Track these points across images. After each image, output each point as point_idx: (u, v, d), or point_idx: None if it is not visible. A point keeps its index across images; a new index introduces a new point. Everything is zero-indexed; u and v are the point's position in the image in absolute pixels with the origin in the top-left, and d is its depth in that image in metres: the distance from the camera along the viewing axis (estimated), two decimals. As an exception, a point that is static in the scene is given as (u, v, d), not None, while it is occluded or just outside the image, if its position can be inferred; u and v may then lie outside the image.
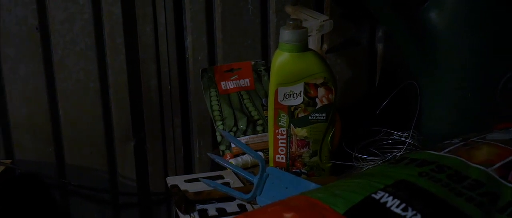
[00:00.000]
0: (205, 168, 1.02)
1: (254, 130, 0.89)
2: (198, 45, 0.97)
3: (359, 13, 0.98)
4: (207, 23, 0.96)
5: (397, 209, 0.51)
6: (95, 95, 0.97)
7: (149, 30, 0.96)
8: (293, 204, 0.55)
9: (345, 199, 0.54)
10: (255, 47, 0.98)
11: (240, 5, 0.95)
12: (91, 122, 0.98)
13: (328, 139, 0.79)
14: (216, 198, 0.75)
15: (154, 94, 0.99)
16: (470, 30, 0.77)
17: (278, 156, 0.80)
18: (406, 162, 0.61)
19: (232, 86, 0.92)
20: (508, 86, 0.78)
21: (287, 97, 0.76)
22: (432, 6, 0.78)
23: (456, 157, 0.60)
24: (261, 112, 0.91)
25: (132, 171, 1.03)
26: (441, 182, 0.55)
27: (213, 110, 0.90)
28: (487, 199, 0.54)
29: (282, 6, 0.94)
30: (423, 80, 0.81)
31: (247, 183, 0.79)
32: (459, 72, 0.79)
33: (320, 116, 0.77)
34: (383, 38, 1.00)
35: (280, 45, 0.76)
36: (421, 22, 0.79)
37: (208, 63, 0.98)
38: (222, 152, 0.89)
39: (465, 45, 0.78)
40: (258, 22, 0.97)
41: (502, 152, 0.60)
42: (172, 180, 0.81)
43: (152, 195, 1.05)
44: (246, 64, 0.93)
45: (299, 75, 0.75)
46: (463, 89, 0.79)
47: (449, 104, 0.80)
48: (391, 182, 0.56)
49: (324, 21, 0.86)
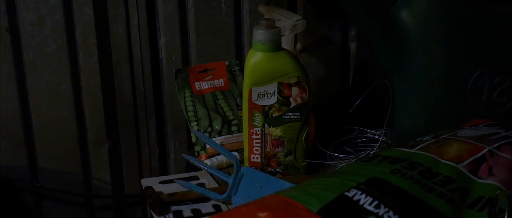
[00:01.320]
0: (180, 169, 1.02)
1: (229, 130, 0.89)
2: (172, 46, 0.97)
3: (332, 13, 0.99)
4: (181, 23, 0.96)
5: (369, 207, 0.52)
6: (67, 98, 0.96)
7: (122, 31, 0.95)
8: (267, 203, 0.56)
9: (318, 197, 0.54)
10: (229, 47, 0.98)
11: (213, 6, 0.95)
12: (64, 124, 0.97)
13: (302, 138, 0.79)
14: (191, 199, 0.74)
15: (127, 96, 0.98)
16: (440, 29, 0.79)
17: (253, 156, 0.80)
18: (378, 160, 0.62)
19: (206, 87, 0.91)
20: (477, 84, 0.79)
21: (261, 97, 0.77)
22: (403, 5, 0.79)
23: (427, 154, 0.61)
24: (236, 112, 0.91)
25: (107, 173, 1.02)
26: (413, 178, 0.56)
27: (188, 111, 0.90)
28: (457, 195, 0.55)
29: (255, 6, 0.94)
30: (395, 78, 0.82)
31: (222, 183, 0.79)
32: (430, 71, 0.80)
33: (294, 115, 0.78)
34: (355, 37, 1.01)
35: (253, 45, 0.76)
36: (393, 21, 0.80)
37: (182, 64, 0.98)
38: (197, 152, 0.88)
39: (436, 44, 0.79)
40: (231, 22, 0.97)
41: (472, 148, 0.61)
42: (146, 182, 0.80)
43: (127, 197, 1.04)
44: (220, 64, 0.93)
45: (273, 75, 0.76)
46: (434, 87, 0.80)
47: (421, 102, 0.81)
48: (364, 179, 0.56)
49: (297, 20, 0.86)
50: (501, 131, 0.66)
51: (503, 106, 0.81)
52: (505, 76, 0.79)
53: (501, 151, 0.61)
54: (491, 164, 0.59)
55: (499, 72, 0.79)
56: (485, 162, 0.59)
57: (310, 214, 0.52)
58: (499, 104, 0.80)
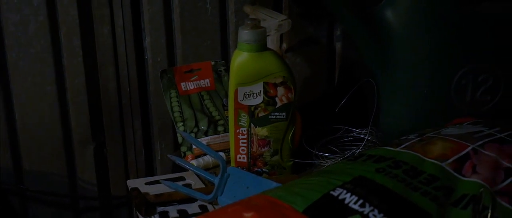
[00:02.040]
0: (166, 170, 1.01)
1: (215, 130, 0.89)
2: (157, 47, 0.96)
3: (317, 12, 0.99)
4: (166, 24, 0.95)
5: (355, 205, 0.52)
6: (52, 99, 0.95)
7: (106, 31, 0.94)
8: (253, 203, 0.56)
9: (304, 197, 0.54)
10: (215, 47, 0.98)
11: (198, 6, 0.95)
12: (49, 126, 0.96)
13: (288, 137, 0.79)
14: (177, 199, 0.74)
15: (113, 96, 0.98)
16: (425, 28, 0.79)
17: (239, 156, 0.80)
18: (363, 159, 0.62)
19: (192, 87, 0.91)
20: (461, 83, 0.80)
21: (247, 97, 0.77)
22: (387, 5, 0.79)
23: (412, 152, 0.61)
24: (222, 112, 0.91)
25: (92, 175, 1.01)
26: (398, 177, 0.57)
27: (174, 111, 0.90)
28: (442, 193, 0.55)
29: (241, 6, 0.94)
30: (380, 78, 0.83)
31: (208, 183, 0.78)
32: (414, 70, 0.80)
33: (280, 115, 0.78)
34: (341, 37, 1.02)
35: (239, 45, 0.76)
36: (377, 21, 0.80)
37: (167, 65, 0.97)
38: (184, 153, 0.88)
39: (420, 43, 0.80)
40: (217, 22, 0.97)
41: (456, 146, 0.62)
42: (132, 183, 0.80)
43: (113, 198, 1.04)
44: (206, 64, 0.92)
45: (258, 75, 0.76)
46: (418, 86, 0.80)
47: (406, 101, 0.82)
48: (349, 178, 0.56)
49: (283, 20, 0.86)
50: (484, 129, 0.67)
51: (486, 105, 0.81)
52: (488, 75, 0.80)
53: (484, 149, 0.61)
54: (475, 162, 0.59)
55: (482, 71, 0.80)
56: (469, 160, 0.59)
57: (296, 214, 0.52)
58: (482, 103, 0.81)
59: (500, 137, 0.64)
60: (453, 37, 0.79)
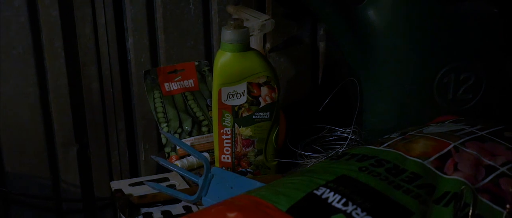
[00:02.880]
0: (151, 171, 1.01)
1: (200, 130, 0.89)
2: (140, 47, 0.96)
3: (300, 12, 0.99)
4: (149, 24, 0.95)
5: (338, 204, 0.53)
6: (34, 100, 0.94)
7: (88, 32, 0.94)
8: (237, 203, 0.56)
9: (287, 196, 0.54)
10: (198, 47, 0.98)
11: (181, 6, 0.95)
12: (31, 127, 0.95)
13: (272, 137, 0.79)
14: (161, 200, 0.74)
15: (96, 97, 0.97)
16: (407, 27, 0.80)
17: (224, 156, 0.80)
18: (347, 158, 0.62)
19: (176, 88, 0.91)
20: (443, 82, 0.81)
21: (230, 97, 0.77)
22: (370, 4, 0.80)
23: (395, 151, 0.61)
24: (206, 112, 0.90)
25: (76, 177, 1.00)
26: (380, 176, 0.57)
27: (157, 112, 0.89)
28: (424, 191, 0.56)
29: (224, 6, 0.94)
30: (363, 77, 0.83)
31: (193, 184, 0.78)
32: (397, 68, 0.81)
33: (264, 115, 0.78)
34: (324, 36, 1.02)
35: (222, 45, 0.76)
36: (360, 20, 0.80)
37: (150, 65, 0.97)
38: (168, 154, 0.88)
39: (402, 42, 0.80)
40: (200, 22, 0.96)
41: (438, 145, 0.62)
42: (116, 185, 0.80)
43: (96, 200, 1.03)
44: (189, 65, 0.92)
45: (242, 75, 0.76)
46: (401, 85, 0.81)
47: (389, 100, 0.82)
48: (332, 177, 0.57)
49: (266, 20, 0.86)
50: (466, 127, 0.67)
51: (468, 103, 0.82)
52: (470, 74, 0.81)
53: (466, 147, 0.62)
54: (457, 160, 0.59)
55: (464, 69, 0.81)
56: (451, 158, 0.60)
57: (279, 213, 0.52)
58: (464, 101, 0.82)
59: (481, 135, 0.65)
60: (435, 36, 0.80)
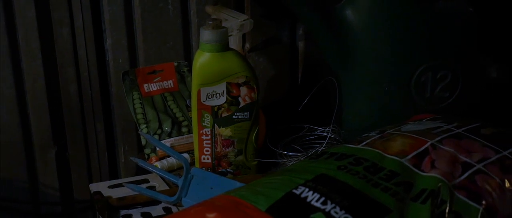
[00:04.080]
0: (131, 172, 1.00)
1: (179, 131, 0.88)
2: (118, 48, 0.95)
3: (279, 12, 1.00)
4: (127, 25, 0.94)
5: (317, 203, 0.53)
6: (11, 102, 0.93)
7: (66, 33, 0.93)
8: (216, 204, 0.56)
9: (267, 196, 0.54)
10: (177, 48, 0.97)
11: (159, 6, 0.94)
12: (8, 130, 0.94)
13: (252, 137, 0.79)
14: (140, 202, 0.74)
15: (74, 99, 0.96)
16: (384, 26, 0.80)
17: (204, 157, 0.80)
18: (326, 157, 0.62)
19: (155, 88, 0.91)
20: (421, 80, 0.81)
21: (210, 97, 0.76)
22: (347, 4, 0.80)
23: (373, 149, 0.62)
24: (186, 113, 0.90)
25: (54, 179, 1.00)
26: (359, 174, 0.57)
27: (137, 113, 0.89)
28: (401, 188, 0.56)
29: (203, 6, 0.94)
30: (342, 76, 0.84)
31: (173, 185, 0.78)
32: (375, 67, 0.82)
33: (243, 115, 0.78)
34: (303, 36, 1.02)
35: (200, 45, 0.75)
36: (338, 19, 0.81)
37: (129, 66, 0.96)
38: (147, 155, 0.87)
39: (380, 41, 0.81)
40: (179, 22, 0.96)
41: (415, 142, 0.63)
42: (95, 187, 0.79)
43: (76, 203, 1.02)
44: (168, 65, 0.92)
45: (221, 75, 0.76)
46: (379, 84, 0.81)
47: (367, 99, 0.83)
48: (311, 177, 0.57)
49: (244, 20, 0.86)
50: (443, 125, 0.68)
51: (445, 101, 0.83)
52: (447, 72, 0.82)
53: (443, 144, 0.62)
54: (434, 157, 0.60)
55: (441, 68, 0.82)
56: (428, 155, 0.60)
57: (258, 213, 0.52)
58: (441, 99, 0.83)
59: (458, 132, 0.65)
60: (412, 35, 0.81)
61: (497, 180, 0.58)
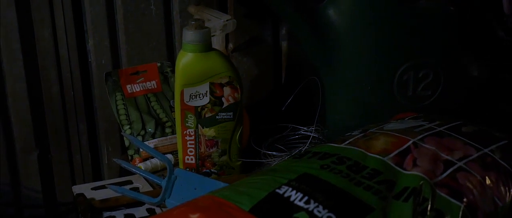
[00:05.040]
0: (114, 174, 1.00)
1: (163, 132, 0.88)
2: (101, 49, 0.95)
3: (262, 12, 1.00)
4: (109, 25, 0.94)
5: (300, 202, 0.53)
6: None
7: (47, 34, 0.92)
8: (200, 204, 0.55)
9: (250, 196, 0.54)
10: (160, 48, 0.97)
11: (142, 7, 0.94)
12: (-11, 133, 0.94)
13: (236, 137, 0.79)
14: (124, 204, 0.73)
15: (56, 101, 0.96)
16: (366, 26, 0.81)
17: (188, 157, 0.80)
18: (309, 156, 0.63)
19: (138, 89, 0.90)
20: (403, 79, 0.82)
21: (193, 98, 0.76)
22: (330, 3, 0.80)
23: (355, 148, 0.62)
24: (169, 113, 0.90)
25: (37, 182, 0.99)
26: (342, 173, 0.58)
27: (120, 114, 0.88)
28: (384, 187, 0.56)
29: (185, 7, 0.94)
30: (325, 75, 0.84)
31: (156, 186, 0.78)
32: (357, 67, 0.82)
33: (227, 115, 0.78)
34: (286, 36, 1.02)
35: (183, 45, 0.75)
36: (320, 19, 0.81)
37: (112, 67, 0.96)
38: (131, 156, 0.87)
39: (362, 40, 0.81)
40: (162, 23, 0.96)
41: (397, 141, 0.63)
42: (78, 189, 0.79)
43: (59, 205, 1.02)
44: (151, 66, 0.91)
45: (204, 75, 0.75)
46: (362, 83, 0.82)
47: (350, 98, 0.83)
48: (294, 176, 0.57)
49: (227, 20, 0.86)
50: (425, 123, 0.68)
51: (427, 100, 0.83)
52: (428, 71, 0.82)
53: (424, 143, 0.63)
54: (416, 155, 0.60)
55: (423, 66, 0.82)
56: (410, 154, 0.61)
57: (242, 213, 0.52)
58: (423, 98, 0.83)
59: (440, 131, 0.66)
60: (394, 34, 0.81)
61: (478, 178, 0.59)
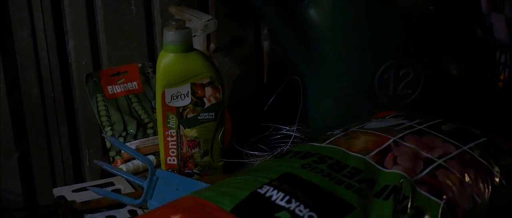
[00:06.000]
0: (96, 176, 0.99)
1: (145, 133, 0.88)
2: (81, 50, 0.94)
3: (244, 12, 1.00)
4: (89, 26, 0.93)
5: (281, 202, 0.53)
6: (-30, 107, 0.91)
7: (26, 35, 0.91)
8: (181, 205, 0.55)
9: (231, 196, 0.54)
10: (141, 49, 0.96)
11: (122, 7, 0.93)
12: (-32, 135, 0.92)
13: (218, 137, 0.79)
14: (105, 206, 0.73)
15: (36, 103, 0.95)
16: (347, 25, 0.81)
17: (170, 158, 0.79)
18: (291, 155, 0.63)
19: (119, 90, 0.90)
20: (384, 78, 0.82)
21: (174, 98, 0.76)
22: (311, 3, 0.81)
23: (337, 147, 0.62)
24: (151, 114, 0.89)
25: (17, 185, 0.97)
26: (323, 172, 0.58)
27: (101, 116, 0.88)
28: (365, 185, 0.57)
29: (166, 7, 0.93)
30: (307, 75, 0.84)
31: (138, 188, 0.77)
32: (338, 66, 0.82)
33: (209, 115, 0.78)
34: (268, 36, 1.03)
35: (164, 46, 0.75)
36: (302, 19, 0.81)
37: (92, 68, 0.95)
38: (112, 158, 0.86)
39: (343, 40, 0.82)
40: (142, 23, 0.95)
41: (378, 140, 0.63)
42: (58, 191, 0.78)
43: (40, 208, 1.00)
44: (132, 67, 0.91)
45: (185, 75, 0.75)
46: (343, 82, 0.82)
47: (331, 97, 0.84)
48: (276, 175, 0.57)
49: (208, 21, 0.86)
50: (405, 122, 0.69)
51: (408, 98, 0.84)
52: (409, 70, 0.83)
53: (405, 141, 0.63)
54: (396, 154, 0.61)
55: (403, 65, 0.83)
56: (390, 152, 0.61)
57: (223, 214, 0.52)
58: (404, 97, 0.84)
59: (420, 129, 0.66)
60: (374, 34, 0.82)
61: (457, 175, 0.59)
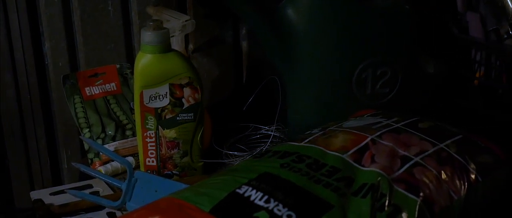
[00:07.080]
0: (74, 178, 0.98)
1: (123, 134, 0.87)
2: (58, 51, 0.93)
3: (222, 12, 0.99)
4: (66, 27, 0.92)
5: (260, 202, 0.53)
6: None
7: (2, 37, 0.90)
8: (159, 206, 0.55)
9: (210, 196, 0.54)
10: (119, 50, 0.96)
11: (99, 7, 0.93)
12: None
13: (197, 138, 0.79)
14: (84, 208, 0.72)
15: (12, 105, 0.94)
16: (324, 25, 0.81)
17: (149, 159, 0.79)
18: (269, 155, 0.63)
19: (97, 92, 0.89)
20: (361, 77, 0.83)
21: (153, 99, 0.76)
22: (288, 3, 0.81)
23: (315, 146, 0.63)
24: (130, 116, 0.89)
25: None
26: (301, 171, 0.58)
27: (78, 118, 0.87)
28: (343, 184, 0.57)
29: (144, 7, 0.93)
30: (285, 74, 0.84)
31: (117, 190, 0.77)
32: (316, 66, 0.83)
33: (188, 116, 0.77)
34: (247, 36, 1.03)
35: (142, 46, 0.75)
36: (280, 18, 0.81)
37: (70, 69, 0.94)
38: (91, 160, 0.86)
39: (320, 39, 0.82)
40: (120, 24, 0.95)
41: (356, 138, 0.64)
42: (36, 194, 0.77)
43: (17, 212, 0.99)
44: (110, 68, 0.90)
45: (163, 76, 0.75)
46: (321, 81, 0.83)
47: (310, 97, 0.84)
48: (254, 175, 0.57)
49: (186, 21, 0.86)
50: (383, 120, 0.69)
51: (386, 97, 0.85)
52: (386, 68, 0.84)
53: (382, 139, 0.64)
54: (374, 152, 0.61)
55: (381, 64, 0.83)
56: (368, 150, 0.62)
57: (202, 214, 0.52)
58: (382, 95, 0.84)
59: (397, 127, 0.67)
60: (352, 33, 0.82)
61: (434, 172, 0.60)
